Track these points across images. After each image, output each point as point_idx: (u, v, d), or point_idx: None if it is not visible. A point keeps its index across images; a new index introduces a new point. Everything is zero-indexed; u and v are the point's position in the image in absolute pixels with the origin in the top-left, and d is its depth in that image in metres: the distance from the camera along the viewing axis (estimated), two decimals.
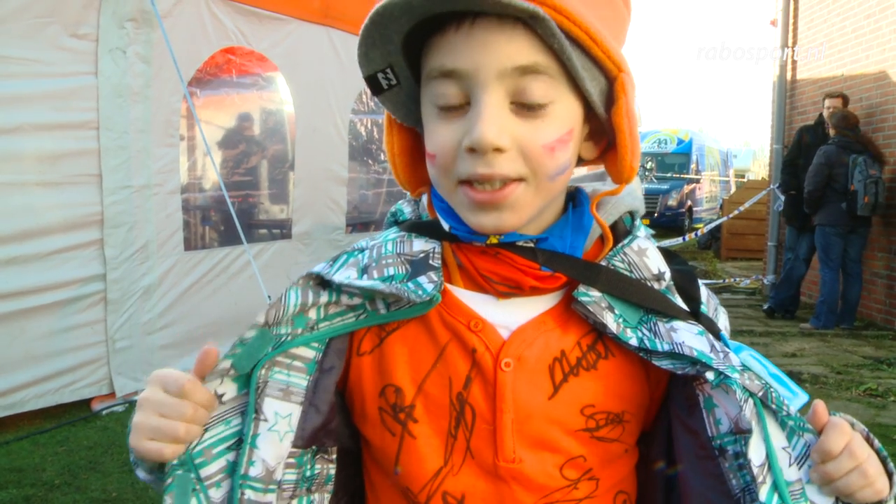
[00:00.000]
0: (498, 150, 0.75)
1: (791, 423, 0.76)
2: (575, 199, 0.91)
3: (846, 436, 0.74)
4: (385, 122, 0.90)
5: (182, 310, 4.90)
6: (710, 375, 0.78)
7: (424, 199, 0.92)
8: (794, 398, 0.79)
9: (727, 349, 0.81)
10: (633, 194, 0.92)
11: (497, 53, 0.74)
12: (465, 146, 0.76)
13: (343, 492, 0.93)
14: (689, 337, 0.81)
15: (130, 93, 4.44)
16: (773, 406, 0.76)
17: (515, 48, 0.74)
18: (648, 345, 0.81)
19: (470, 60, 0.75)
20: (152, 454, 0.77)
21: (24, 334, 4.11)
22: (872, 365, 5.77)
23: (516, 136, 0.76)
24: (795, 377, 5.39)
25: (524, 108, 0.76)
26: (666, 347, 0.80)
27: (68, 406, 4.36)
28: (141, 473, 0.84)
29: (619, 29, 0.84)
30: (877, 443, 0.78)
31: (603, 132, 0.86)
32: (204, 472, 0.78)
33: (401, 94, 0.85)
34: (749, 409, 0.76)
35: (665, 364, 0.81)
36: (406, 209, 0.95)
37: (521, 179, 0.78)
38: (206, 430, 0.80)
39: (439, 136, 0.79)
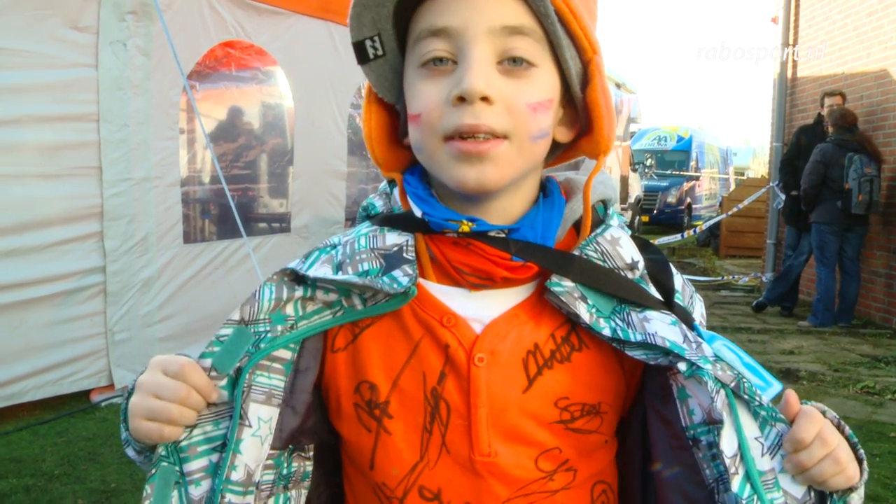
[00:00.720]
0: (485, 99, 0.78)
1: (763, 413, 0.77)
2: (546, 189, 0.92)
3: (817, 424, 0.75)
4: (364, 97, 0.91)
5: (181, 302, 4.90)
6: (682, 366, 0.78)
7: (396, 192, 0.92)
8: (767, 388, 0.80)
9: (700, 339, 0.82)
10: (605, 183, 0.93)
11: (487, 12, 0.78)
12: (454, 95, 0.78)
13: (325, 486, 0.94)
14: (662, 327, 0.81)
15: (130, 85, 4.44)
16: (745, 396, 0.77)
17: (504, 8, 0.79)
18: (621, 335, 0.82)
19: (460, 18, 0.78)
20: (152, 433, 0.78)
21: (24, 325, 4.12)
22: (870, 363, 5.79)
23: (502, 91, 0.79)
24: (793, 375, 5.40)
25: (510, 67, 0.80)
26: (638, 338, 0.81)
27: (67, 397, 4.37)
28: (130, 451, 0.85)
29: (593, 13, 0.87)
30: (847, 429, 0.79)
31: (575, 119, 0.89)
32: (187, 468, 0.79)
33: (385, 67, 0.87)
34: (721, 401, 0.76)
35: (638, 354, 0.82)
36: (378, 203, 0.94)
37: (504, 137, 0.80)
38: (195, 427, 0.80)
39: (425, 93, 0.81)
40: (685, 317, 0.87)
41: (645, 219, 17.06)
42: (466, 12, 0.78)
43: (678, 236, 11.19)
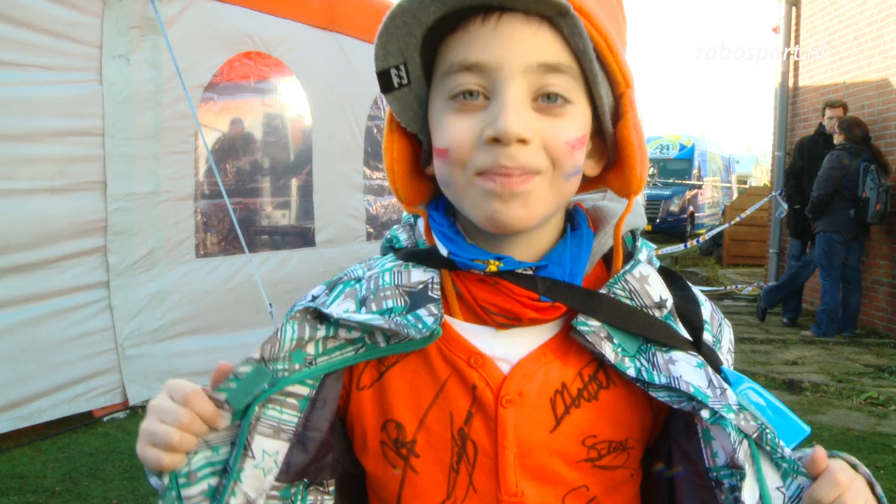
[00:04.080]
0: (522, 141, 0.75)
1: (785, 465, 0.76)
2: (573, 219, 0.90)
3: (839, 488, 0.72)
4: (386, 127, 0.88)
5: (197, 318, 4.87)
6: (705, 414, 0.77)
7: (421, 224, 0.91)
8: (795, 432, 0.78)
9: (725, 385, 0.80)
10: (634, 211, 0.92)
11: (523, 49, 0.75)
12: (488, 136, 0.75)
13: None
14: (687, 370, 0.80)
15: (137, 99, 4.46)
16: (768, 448, 0.76)
17: (541, 45, 0.75)
18: (646, 376, 0.81)
19: (495, 54, 0.75)
20: (152, 461, 0.78)
21: (36, 343, 4.11)
22: (874, 373, 5.76)
23: (539, 130, 0.77)
24: (796, 385, 5.38)
25: (545, 105, 0.77)
26: (663, 381, 0.80)
27: None
28: (153, 480, 0.85)
29: (624, 43, 0.85)
30: (878, 488, 0.76)
31: (603, 151, 0.87)
32: (185, 493, 0.78)
33: (409, 95, 0.83)
34: (743, 451, 0.76)
35: (662, 396, 0.81)
36: (402, 236, 0.93)
37: (538, 172, 0.78)
38: (196, 453, 0.79)
39: (454, 129, 0.78)
40: (712, 358, 0.85)
41: (648, 227, 17.04)
42: (502, 48, 0.75)
43: (681, 246, 11.18)
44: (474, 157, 0.78)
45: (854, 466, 0.76)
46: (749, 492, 0.75)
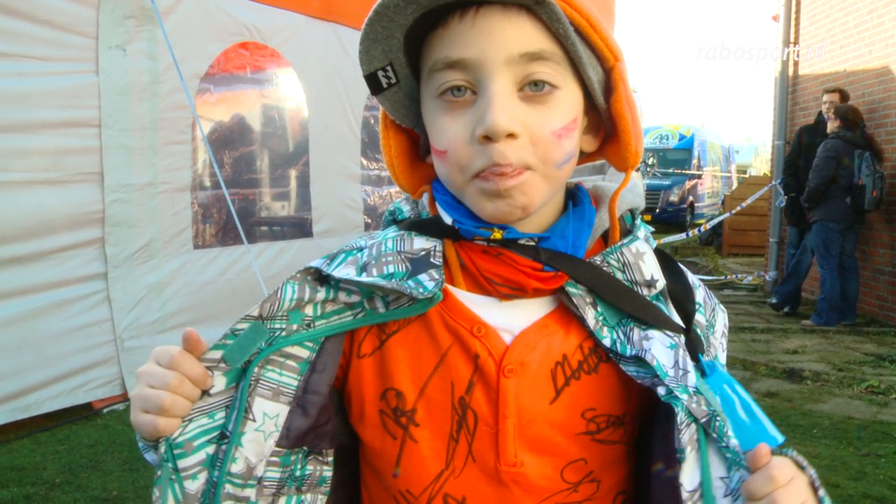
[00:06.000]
0: (511, 135, 0.76)
1: (728, 455, 0.75)
2: (575, 196, 0.91)
3: (774, 483, 0.70)
4: (381, 124, 0.90)
5: (195, 309, 4.87)
6: (661, 391, 0.77)
7: (425, 196, 0.92)
8: (765, 439, 0.77)
9: (690, 369, 0.79)
10: (633, 190, 0.93)
11: (504, 41, 0.75)
12: (479, 134, 0.76)
13: (342, 489, 0.94)
14: (658, 347, 0.80)
15: (134, 90, 4.43)
16: (714, 435, 0.75)
17: (522, 35, 0.76)
18: (619, 348, 0.82)
19: (477, 49, 0.76)
20: (147, 427, 0.77)
21: (34, 335, 4.10)
22: (874, 362, 5.76)
23: (526, 122, 0.77)
24: (797, 374, 5.38)
25: (532, 93, 0.78)
26: (633, 353, 0.81)
27: None
28: (149, 456, 0.84)
29: (610, 17, 0.86)
30: (821, 492, 0.73)
31: (600, 125, 0.88)
32: (182, 464, 0.78)
33: (400, 94, 0.85)
34: (688, 434, 0.75)
35: (631, 370, 0.82)
36: (405, 207, 0.94)
37: (529, 168, 0.78)
38: (190, 422, 0.79)
39: (448, 130, 0.79)
40: (695, 345, 0.85)
41: (647, 217, 16.98)
42: (482, 43, 0.76)
43: (681, 235, 11.16)
44: (471, 160, 0.78)
45: (801, 467, 0.74)
46: (689, 476, 0.75)
